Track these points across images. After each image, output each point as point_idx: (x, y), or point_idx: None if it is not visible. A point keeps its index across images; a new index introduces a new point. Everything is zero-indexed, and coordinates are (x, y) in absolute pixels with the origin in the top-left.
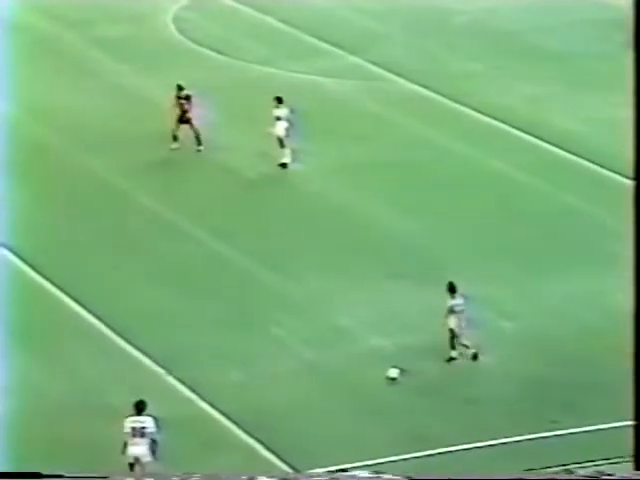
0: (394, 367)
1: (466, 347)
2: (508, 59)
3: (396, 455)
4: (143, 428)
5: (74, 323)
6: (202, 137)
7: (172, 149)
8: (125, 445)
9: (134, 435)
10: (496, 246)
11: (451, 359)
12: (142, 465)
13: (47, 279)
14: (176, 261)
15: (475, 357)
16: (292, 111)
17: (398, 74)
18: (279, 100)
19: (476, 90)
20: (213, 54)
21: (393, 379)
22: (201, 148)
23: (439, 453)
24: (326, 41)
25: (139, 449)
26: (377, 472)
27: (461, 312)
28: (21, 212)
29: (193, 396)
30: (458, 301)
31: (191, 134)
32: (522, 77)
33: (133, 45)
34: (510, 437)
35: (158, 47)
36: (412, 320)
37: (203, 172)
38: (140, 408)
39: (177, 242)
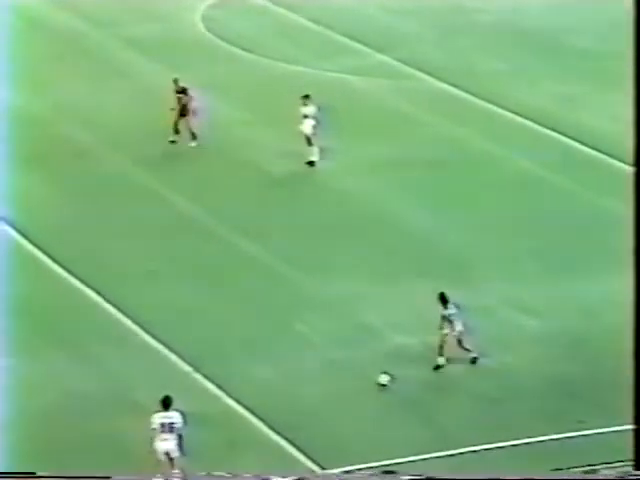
0: (384, 373)
1: (468, 350)
2: (535, 58)
3: (421, 454)
4: (172, 423)
5: (102, 321)
6: (229, 133)
7: (171, 141)
8: (153, 441)
9: (163, 431)
10: (524, 245)
11: (438, 367)
12: (171, 460)
13: (69, 271)
14: (202, 258)
15: (474, 361)
16: (320, 109)
17: (426, 72)
18: (307, 98)
19: (504, 88)
20: (241, 52)
21: (383, 385)
22: (194, 144)
23: (464, 452)
24: (354, 39)
25: (168, 444)
26: (393, 471)
27: (456, 320)
28: (49, 209)
29: (220, 393)
30: (451, 310)
31: (212, 131)
32: (549, 76)
33: (161, 44)
34: (536, 436)
35: (186, 45)
36: (438, 319)
37: (230, 169)
38: (167, 404)
39: (203, 239)
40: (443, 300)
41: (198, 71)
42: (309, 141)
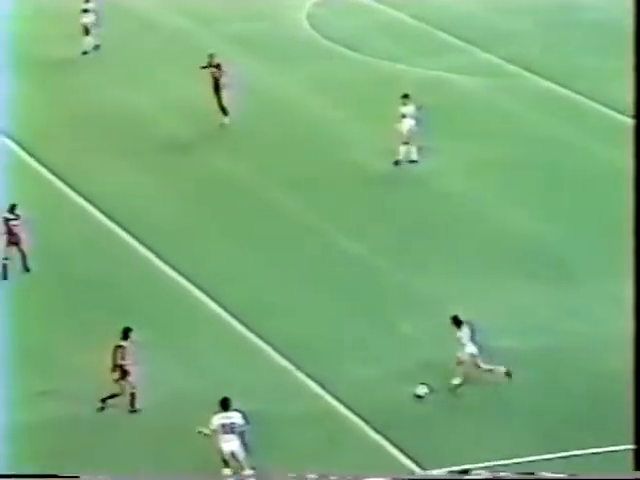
0: (422, 384)
1: (490, 371)
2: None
3: (523, 457)
4: (232, 424)
5: (203, 318)
6: (329, 131)
7: (222, 125)
8: (215, 442)
9: (224, 432)
10: (626, 244)
11: (457, 386)
12: (238, 461)
13: (184, 276)
14: (305, 256)
15: (509, 374)
16: (419, 108)
17: (530, 71)
18: (406, 97)
19: (609, 87)
20: (345, 50)
21: (420, 397)
22: (226, 121)
23: (568, 456)
24: (458, 37)
25: (232, 445)
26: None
27: (467, 343)
28: (158, 210)
29: (321, 391)
30: (462, 333)
31: (312, 128)
32: None
33: (266, 41)
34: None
35: (291, 43)
36: (541, 320)
37: (331, 168)
38: (226, 404)
39: (303, 237)
40: (456, 322)
41: (302, 69)
42: (407, 140)
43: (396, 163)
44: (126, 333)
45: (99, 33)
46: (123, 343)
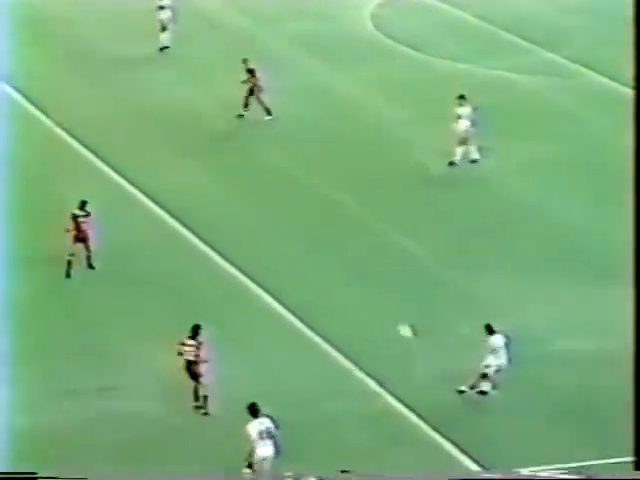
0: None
1: (472, 387)
2: None
3: (581, 460)
4: (268, 428)
5: (263, 315)
6: (391, 131)
7: (239, 115)
8: (252, 449)
9: (262, 437)
10: None
11: (482, 392)
12: (269, 464)
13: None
14: (362, 256)
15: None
16: (475, 109)
17: (595, 70)
18: (462, 98)
19: None
20: (408, 50)
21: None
22: (270, 118)
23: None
24: (521, 37)
25: (268, 450)
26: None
27: (500, 350)
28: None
29: (381, 391)
30: (490, 341)
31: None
32: None
33: (330, 42)
34: None
35: (355, 44)
36: (602, 322)
37: (390, 168)
38: (255, 410)
39: (362, 236)
40: (489, 331)
41: (365, 69)
42: (463, 141)
43: (450, 164)
44: (196, 330)
45: (175, 29)
46: (193, 341)
